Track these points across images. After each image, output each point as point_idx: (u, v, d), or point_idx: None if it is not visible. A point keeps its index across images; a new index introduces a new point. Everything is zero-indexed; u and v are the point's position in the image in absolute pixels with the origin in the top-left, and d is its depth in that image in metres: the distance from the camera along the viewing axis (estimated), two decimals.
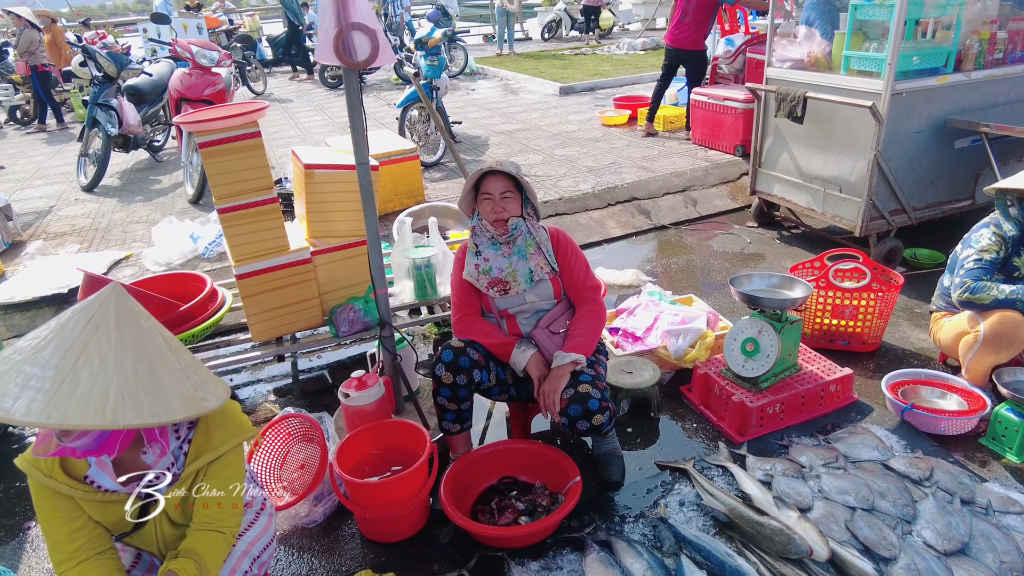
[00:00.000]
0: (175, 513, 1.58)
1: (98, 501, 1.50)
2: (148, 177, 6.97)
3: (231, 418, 1.62)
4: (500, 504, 2.34)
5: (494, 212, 2.35)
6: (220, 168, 2.83)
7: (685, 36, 6.40)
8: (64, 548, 1.49)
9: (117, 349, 1.30)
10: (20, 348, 1.28)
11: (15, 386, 1.21)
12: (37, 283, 4.22)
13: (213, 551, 1.51)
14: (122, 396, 1.27)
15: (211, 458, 1.55)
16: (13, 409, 1.18)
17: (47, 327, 1.32)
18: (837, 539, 2.11)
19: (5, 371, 1.23)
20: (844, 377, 2.83)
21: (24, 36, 9.17)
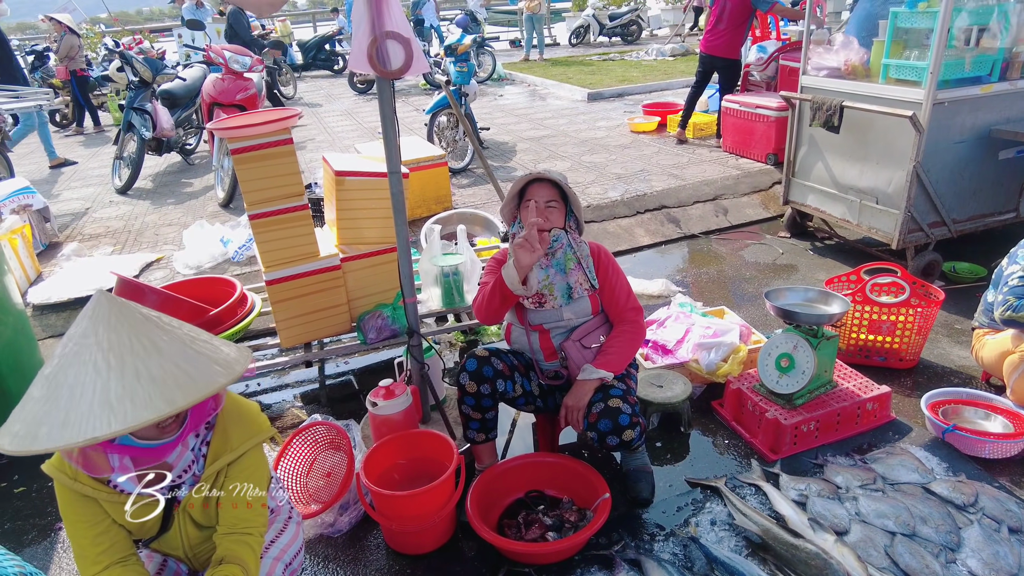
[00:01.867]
0: (199, 515, 1.58)
1: (121, 504, 1.50)
2: (180, 180, 7.08)
3: (248, 418, 1.61)
4: (527, 519, 2.31)
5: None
6: (252, 174, 2.85)
7: (719, 43, 6.31)
8: (89, 552, 1.49)
9: (122, 349, 1.31)
10: (44, 391, 1.30)
11: (68, 417, 1.24)
12: (72, 284, 4.29)
13: (250, 553, 1.51)
14: (165, 383, 1.30)
15: (231, 459, 1.55)
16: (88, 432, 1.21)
17: (57, 358, 1.34)
18: (876, 565, 2.04)
19: (44, 411, 1.26)
20: (881, 395, 2.74)
21: (65, 41, 9.40)
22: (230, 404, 1.61)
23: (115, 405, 1.24)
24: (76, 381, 1.27)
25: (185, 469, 1.53)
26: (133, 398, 1.26)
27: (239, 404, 1.64)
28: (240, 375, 1.42)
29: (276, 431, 1.73)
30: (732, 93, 6.46)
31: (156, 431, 1.41)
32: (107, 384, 1.26)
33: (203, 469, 1.54)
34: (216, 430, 1.56)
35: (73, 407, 1.24)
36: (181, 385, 1.31)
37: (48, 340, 3.88)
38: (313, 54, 14.28)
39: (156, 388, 1.28)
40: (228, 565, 1.49)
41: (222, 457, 1.55)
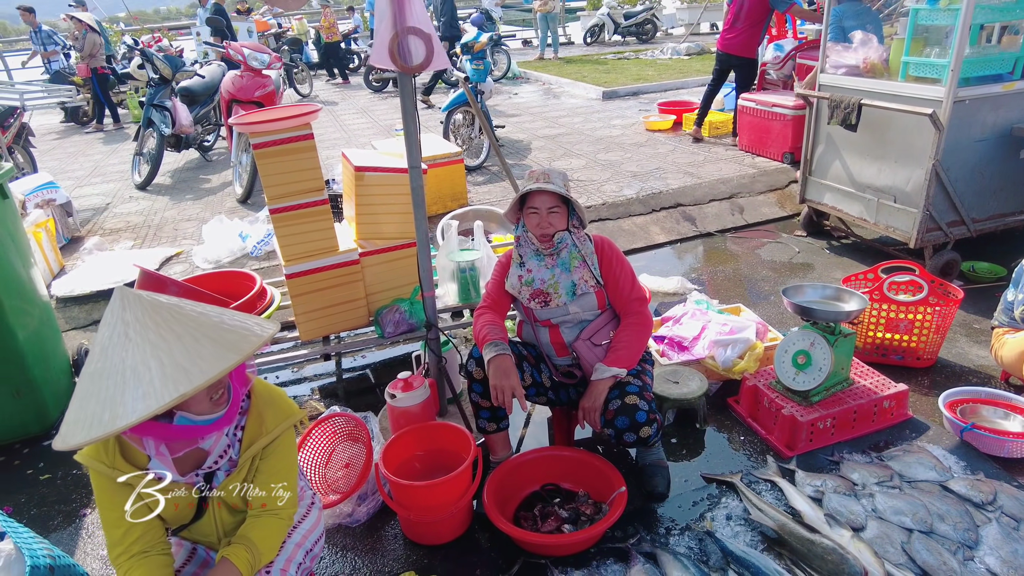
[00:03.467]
0: (235, 499, 1.61)
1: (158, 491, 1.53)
2: (198, 176, 7.16)
3: (280, 401, 1.65)
4: (543, 511, 2.32)
5: (540, 227, 2.31)
6: (273, 169, 2.88)
7: (737, 41, 6.29)
8: (121, 540, 1.52)
9: (169, 323, 1.36)
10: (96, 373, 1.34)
11: (119, 397, 1.28)
12: (94, 277, 4.36)
13: (268, 536, 1.54)
14: (223, 341, 1.37)
15: (266, 442, 1.58)
16: (138, 409, 1.26)
17: (97, 354, 1.37)
18: (893, 562, 2.04)
19: (99, 391, 1.31)
20: (898, 393, 2.73)
21: (88, 40, 9.53)
22: (261, 389, 1.64)
23: (188, 367, 1.30)
24: (136, 360, 1.30)
25: (221, 455, 1.56)
26: (201, 356, 1.32)
27: (269, 389, 1.67)
28: (275, 333, 1.48)
29: (305, 414, 1.76)
30: (748, 92, 6.44)
31: (210, 405, 1.44)
32: (171, 352, 1.31)
33: (239, 454, 1.57)
34: (250, 415, 1.59)
35: (145, 380, 1.28)
36: (235, 341, 1.38)
37: (71, 332, 3.95)
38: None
39: (218, 346, 1.35)
40: (236, 546, 1.52)
41: (258, 441, 1.58)
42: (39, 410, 3.15)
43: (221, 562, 1.50)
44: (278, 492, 1.60)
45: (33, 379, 3.07)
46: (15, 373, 3.00)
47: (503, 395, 2.19)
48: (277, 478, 1.61)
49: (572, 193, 2.34)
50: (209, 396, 1.44)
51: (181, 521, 1.62)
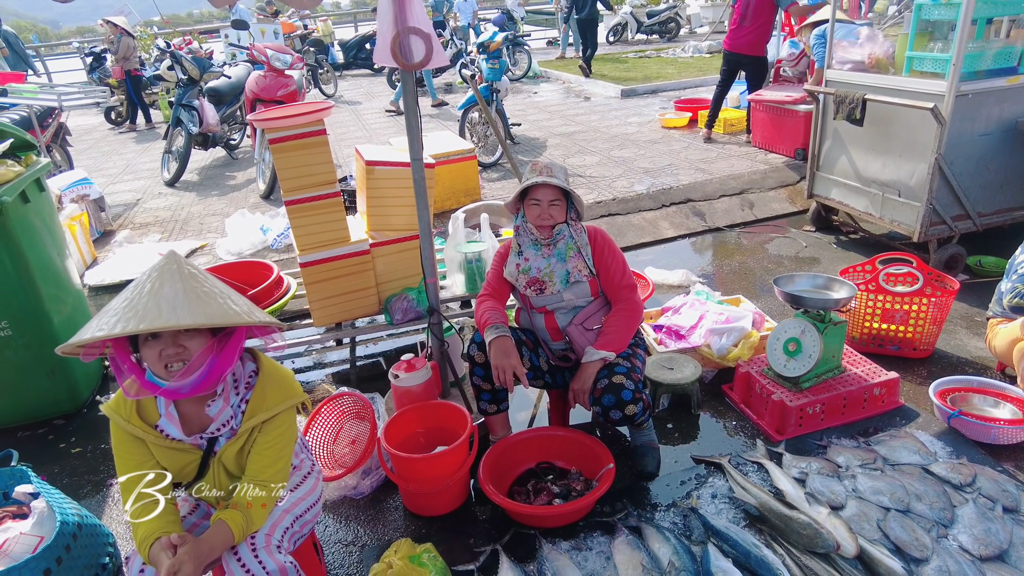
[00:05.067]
0: (232, 465, 1.75)
1: (165, 447, 1.69)
2: (224, 173, 7.41)
3: (285, 382, 1.78)
4: (536, 487, 2.45)
5: (541, 219, 2.41)
6: (288, 163, 3.04)
7: (744, 40, 6.32)
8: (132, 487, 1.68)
9: (174, 280, 1.56)
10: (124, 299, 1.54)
11: (144, 312, 1.49)
12: (124, 268, 4.59)
13: (256, 504, 1.68)
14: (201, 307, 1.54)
15: (265, 417, 1.71)
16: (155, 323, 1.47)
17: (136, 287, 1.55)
18: (868, 537, 2.12)
19: (127, 308, 1.51)
20: (889, 381, 2.80)
21: (123, 43, 9.89)
22: (270, 369, 1.78)
23: (154, 313, 1.48)
24: (155, 288, 1.53)
25: (224, 423, 1.71)
26: (175, 308, 1.50)
27: (278, 370, 1.81)
28: (260, 322, 1.64)
29: (308, 397, 1.90)
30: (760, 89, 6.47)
31: (161, 368, 1.58)
32: (154, 298, 1.51)
33: (240, 424, 1.72)
34: (255, 390, 1.74)
35: (154, 305, 1.49)
36: (206, 311, 1.54)
37: None
38: (354, 53, 14.63)
39: (191, 304, 1.52)
40: (231, 510, 1.66)
41: (258, 415, 1.72)
42: (71, 389, 3.35)
43: (216, 524, 1.63)
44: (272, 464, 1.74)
45: (66, 360, 3.27)
46: (50, 355, 3.20)
47: (504, 374, 2.31)
48: (271, 451, 1.74)
49: (580, 188, 2.45)
50: (159, 354, 1.56)
51: (186, 479, 1.77)
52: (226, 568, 1.60)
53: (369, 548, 2.34)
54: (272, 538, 1.69)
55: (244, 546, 1.63)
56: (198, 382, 1.57)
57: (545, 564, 2.11)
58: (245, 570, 1.59)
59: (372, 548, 2.33)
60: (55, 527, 2.08)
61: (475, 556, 2.22)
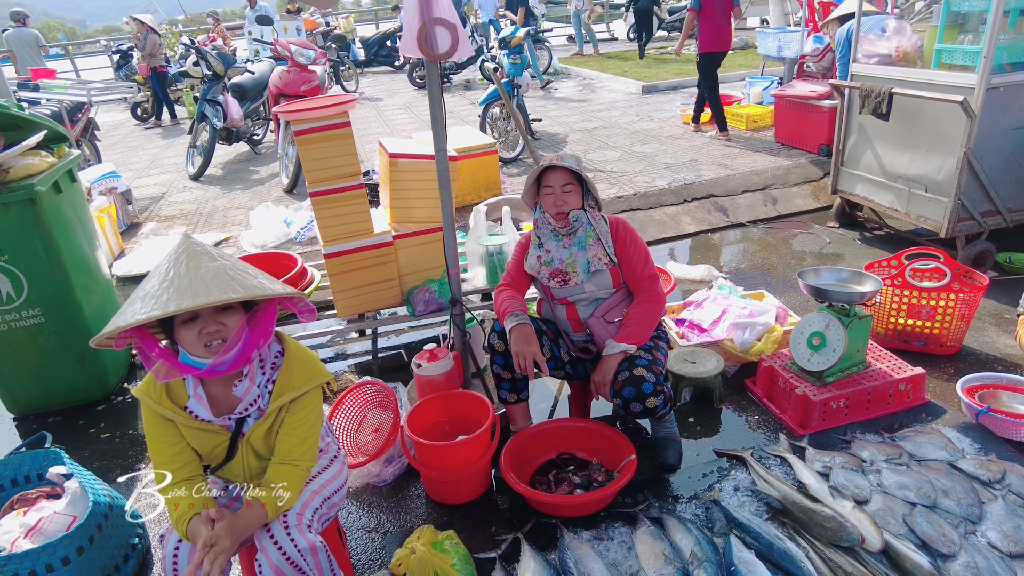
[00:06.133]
0: (260, 446, 1.78)
1: (195, 428, 1.72)
2: (247, 168, 7.50)
3: (311, 363, 1.81)
4: (557, 477, 2.45)
5: (555, 205, 2.41)
6: (313, 155, 3.07)
7: (725, 37, 6.57)
8: (165, 468, 1.72)
9: (207, 258, 1.59)
10: (151, 285, 1.56)
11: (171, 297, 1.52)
12: (151, 259, 4.67)
13: (290, 482, 1.71)
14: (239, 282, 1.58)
15: (292, 396, 1.74)
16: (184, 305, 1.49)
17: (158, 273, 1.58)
18: (893, 532, 2.10)
19: (157, 293, 1.53)
20: (915, 376, 2.76)
21: (149, 40, 10.05)
22: (295, 350, 1.81)
23: (192, 293, 1.51)
24: (178, 274, 1.54)
25: (252, 403, 1.73)
26: (208, 287, 1.53)
27: (303, 351, 1.84)
28: (287, 294, 1.68)
29: (332, 377, 1.93)
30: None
31: (201, 347, 1.61)
32: (188, 278, 1.54)
33: (267, 404, 1.75)
34: (282, 371, 1.77)
35: (155, 297, 1.51)
36: (246, 284, 1.58)
37: None
38: (375, 50, 14.72)
39: (224, 284, 1.55)
40: (263, 489, 1.68)
41: (285, 394, 1.75)
42: (100, 376, 3.42)
43: (250, 502, 1.67)
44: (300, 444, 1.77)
45: (96, 349, 3.33)
46: (81, 342, 3.27)
47: (524, 361, 2.32)
48: (299, 431, 1.77)
49: (601, 183, 2.46)
50: (199, 332, 1.59)
51: (215, 461, 1.80)
52: (259, 545, 1.63)
53: (391, 534, 2.36)
54: (303, 517, 1.71)
55: (277, 524, 1.66)
56: (236, 357, 1.60)
57: (567, 553, 2.11)
58: (278, 547, 1.62)
59: (394, 535, 2.36)
60: (88, 507, 2.14)
61: (496, 544, 2.24)
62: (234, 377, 1.71)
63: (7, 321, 3.09)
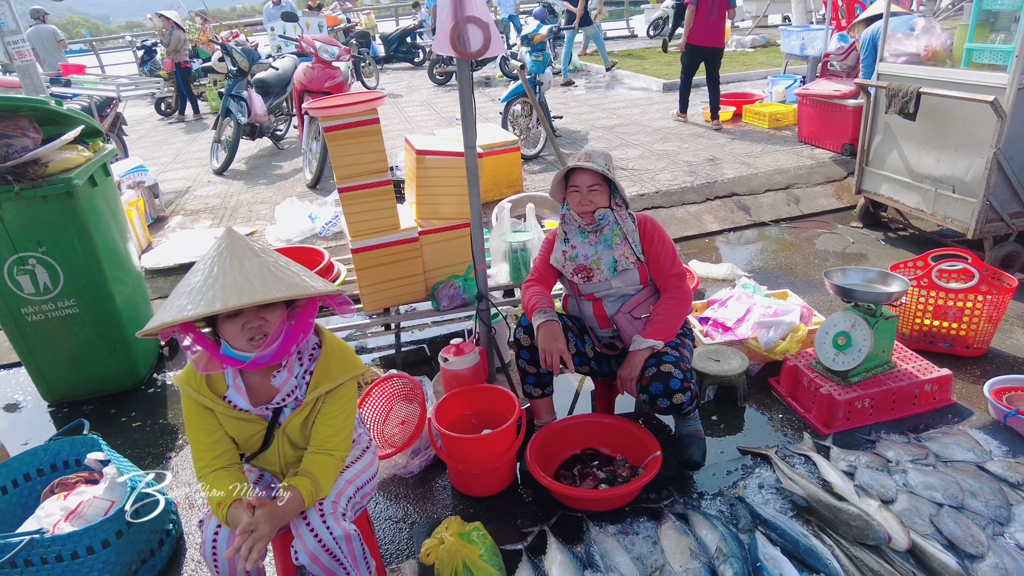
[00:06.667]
0: (296, 436, 1.82)
1: (233, 417, 1.77)
2: (271, 163, 7.58)
3: (347, 355, 1.85)
4: (582, 472, 2.48)
5: (581, 205, 2.44)
6: (342, 151, 3.12)
7: (715, 34, 6.94)
8: (204, 456, 1.77)
9: (250, 255, 1.63)
10: (194, 281, 1.59)
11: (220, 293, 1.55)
12: (178, 252, 4.75)
13: (325, 471, 1.75)
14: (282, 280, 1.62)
15: (329, 387, 1.78)
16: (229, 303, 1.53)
17: (201, 269, 1.62)
18: (920, 532, 2.10)
19: (203, 288, 1.57)
20: (941, 378, 2.76)
21: (174, 36, 10.19)
22: (332, 342, 1.85)
23: (239, 289, 1.55)
24: (223, 271, 1.58)
25: (289, 393, 1.78)
26: (252, 284, 1.56)
27: (339, 343, 1.88)
28: (328, 292, 1.71)
29: (367, 369, 1.97)
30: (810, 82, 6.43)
31: (244, 341, 1.65)
32: (233, 275, 1.57)
33: (305, 395, 1.79)
34: (319, 362, 1.81)
35: (201, 293, 1.55)
36: (289, 282, 1.62)
37: (157, 300, 4.32)
38: (395, 47, 14.77)
39: (269, 281, 1.59)
40: (302, 477, 1.73)
41: (322, 385, 1.79)
42: (131, 366, 3.50)
43: (288, 489, 1.72)
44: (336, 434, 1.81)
45: (127, 339, 3.41)
46: (113, 332, 3.35)
47: (551, 358, 2.35)
48: (335, 421, 1.81)
49: (623, 181, 2.47)
50: (242, 327, 1.63)
51: (251, 449, 1.84)
52: (295, 533, 1.68)
53: (419, 525, 2.40)
54: (338, 505, 1.76)
55: (313, 512, 1.70)
56: (277, 350, 1.65)
57: (593, 546, 2.14)
58: (314, 534, 1.66)
59: (421, 525, 2.39)
60: (126, 493, 2.19)
61: (522, 536, 2.27)
62: (273, 368, 1.75)
63: (44, 311, 3.17)
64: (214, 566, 1.70)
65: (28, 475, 2.43)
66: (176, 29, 10.25)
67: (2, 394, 3.67)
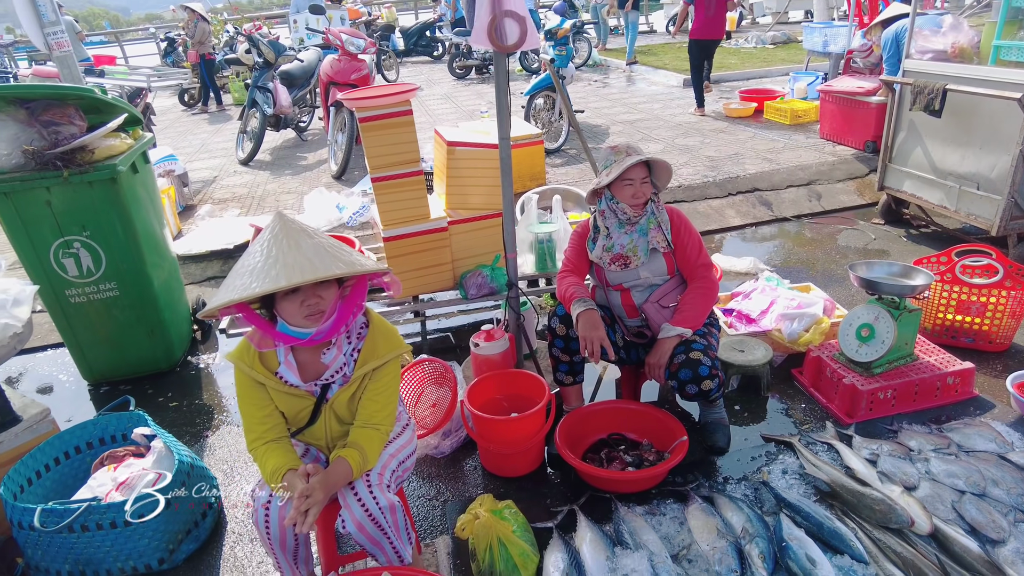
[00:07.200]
0: (343, 411, 1.91)
1: (284, 392, 1.85)
2: (295, 154, 7.68)
3: (392, 335, 1.93)
4: (609, 455, 2.55)
5: (636, 197, 2.49)
6: (376, 141, 3.20)
7: (716, 28, 7.47)
8: (256, 428, 1.85)
9: (305, 236, 1.70)
10: (254, 260, 1.67)
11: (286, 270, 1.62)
12: (208, 239, 4.86)
13: (372, 444, 1.83)
14: (338, 258, 1.69)
15: (376, 365, 1.86)
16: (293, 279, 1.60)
17: (257, 249, 1.69)
18: (942, 517, 2.15)
19: (267, 267, 1.64)
20: (964, 371, 2.80)
21: (199, 28, 10.33)
22: (379, 323, 1.94)
23: (300, 267, 1.61)
24: (281, 251, 1.65)
25: (337, 370, 1.86)
26: (312, 262, 1.63)
27: (385, 324, 1.97)
28: (379, 270, 1.78)
29: (411, 348, 2.05)
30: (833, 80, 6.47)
31: (300, 317, 1.72)
32: (293, 254, 1.64)
33: (352, 372, 1.88)
34: (367, 341, 1.89)
35: (263, 271, 1.62)
36: (345, 261, 1.69)
37: (188, 286, 4.43)
38: (415, 40, 14.86)
39: (327, 259, 1.66)
40: (349, 448, 1.82)
41: (369, 363, 1.87)
42: (167, 349, 3.60)
43: (337, 460, 1.80)
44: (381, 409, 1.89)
45: (164, 321, 3.52)
46: (150, 315, 3.46)
47: (592, 345, 2.41)
48: (381, 397, 1.90)
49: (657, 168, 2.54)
50: (300, 303, 1.71)
51: (299, 424, 1.93)
52: (343, 502, 1.76)
53: (451, 503, 2.48)
54: (383, 477, 1.84)
55: (360, 482, 1.78)
56: (332, 326, 1.73)
57: (622, 524, 2.21)
58: (361, 504, 1.74)
59: (454, 503, 2.48)
60: (174, 464, 2.30)
61: (552, 515, 2.34)
62: (323, 346, 1.84)
63: (86, 293, 3.28)
64: (266, 531, 1.79)
65: (79, 447, 2.53)
66: (201, 21, 10.39)
67: (46, 373, 3.80)
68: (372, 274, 1.87)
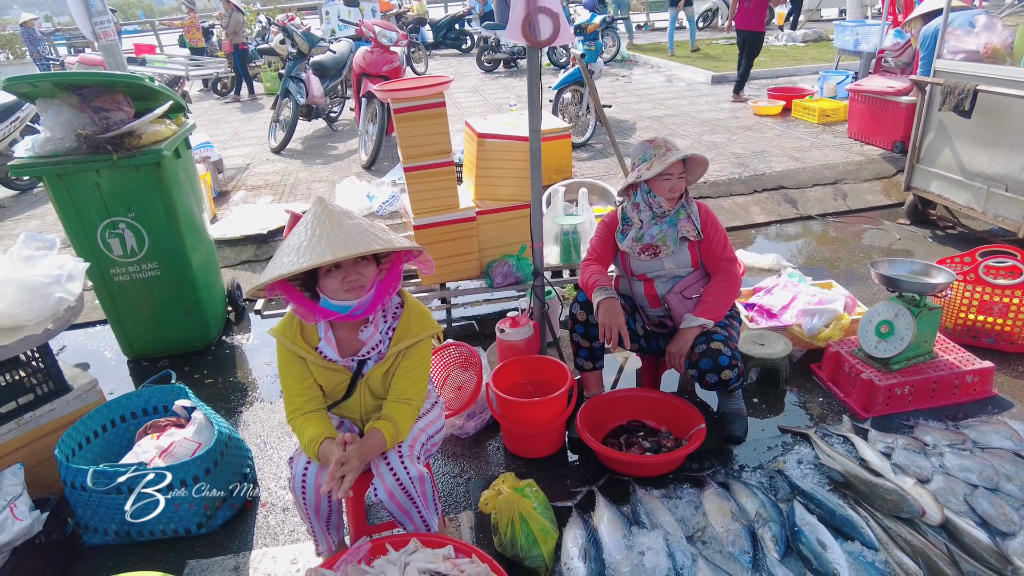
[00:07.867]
0: (377, 386, 2.01)
1: (322, 366, 1.96)
2: (326, 144, 7.84)
3: (425, 315, 2.04)
4: (628, 441, 2.63)
5: (674, 191, 2.56)
6: (409, 132, 3.30)
7: (749, 19, 7.71)
8: (295, 400, 1.97)
9: (345, 217, 1.81)
10: (300, 239, 1.78)
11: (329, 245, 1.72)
12: (242, 224, 5.01)
13: (405, 417, 1.94)
14: (378, 236, 1.79)
15: (409, 343, 1.97)
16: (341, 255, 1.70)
17: (303, 228, 1.80)
18: (953, 509, 2.20)
19: (307, 246, 1.74)
20: (983, 369, 2.82)
21: (233, 19, 10.54)
22: (413, 303, 2.04)
23: (342, 244, 1.72)
24: (324, 231, 1.75)
25: (374, 347, 1.97)
26: (354, 239, 1.74)
27: (419, 305, 2.07)
28: (415, 248, 1.89)
29: (442, 329, 2.15)
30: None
31: (342, 292, 1.82)
32: (335, 232, 1.74)
33: (387, 349, 1.98)
34: (401, 320, 2.00)
35: (309, 249, 1.73)
36: (383, 239, 1.79)
37: (223, 269, 4.58)
38: (443, 33, 14.95)
39: (367, 237, 1.76)
40: (383, 420, 1.92)
41: (403, 341, 1.98)
42: (203, 328, 3.75)
43: (371, 431, 1.91)
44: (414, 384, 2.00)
45: (200, 302, 3.66)
46: (188, 295, 3.60)
47: (611, 332, 2.49)
48: (414, 373, 2.00)
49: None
50: (342, 280, 1.81)
51: (335, 397, 2.04)
52: (376, 471, 1.87)
53: (475, 480, 2.58)
54: (414, 449, 1.95)
55: (392, 453, 1.89)
56: (371, 302, 1.84)
57: (639, 506, 2.29)
58: (393, 473, 1.85)
59: (477, 480, 2.58)
60: (214, 435, 2.42)
61: (572, 495, 2.43)
62: (360, 323, 1.94)
63: (129, 272, 3.43)
64: (302, 497, 1.91)
65: (124, 416, 2.68)
66: (236, 12, 10.60)
67: (90, 348, 3.98)
68: (407, 256, 1.97)
